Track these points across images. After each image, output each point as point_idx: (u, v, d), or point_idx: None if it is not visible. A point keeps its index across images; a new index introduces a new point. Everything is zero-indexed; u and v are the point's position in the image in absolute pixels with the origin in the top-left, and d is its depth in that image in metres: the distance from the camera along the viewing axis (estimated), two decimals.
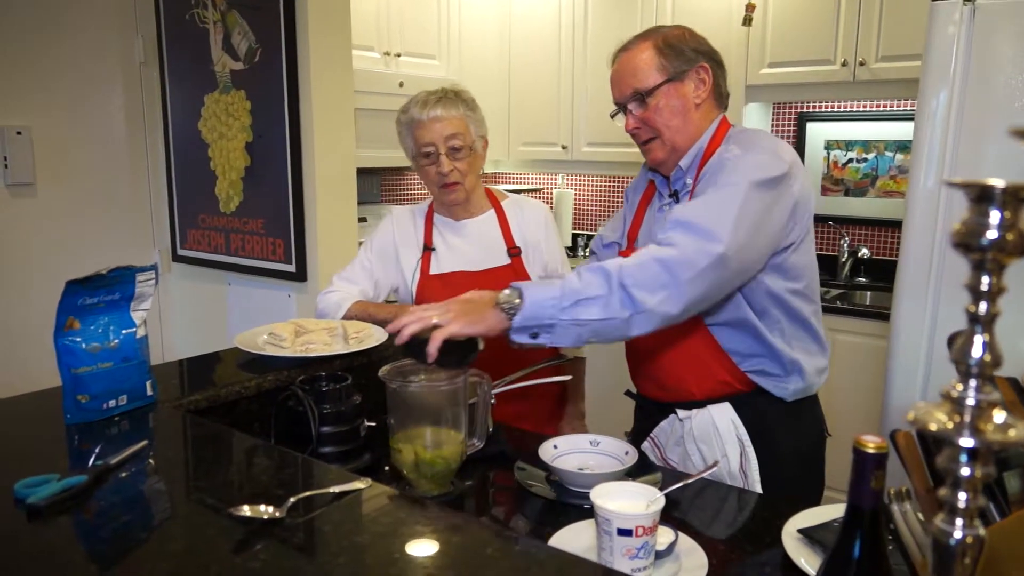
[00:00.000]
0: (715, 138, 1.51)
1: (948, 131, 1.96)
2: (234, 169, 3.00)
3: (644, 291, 1.26)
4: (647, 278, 1.27)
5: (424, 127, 1.83)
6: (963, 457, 0.52)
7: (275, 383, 1.50)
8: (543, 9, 4.01)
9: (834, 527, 1.11)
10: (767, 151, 1.41)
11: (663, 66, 1.49)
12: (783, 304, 1.49)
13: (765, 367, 1.50)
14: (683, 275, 1.27)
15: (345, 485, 1.01)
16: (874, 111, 3.48)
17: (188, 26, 3.04)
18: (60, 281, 1.23)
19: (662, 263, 1.28)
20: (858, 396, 2.96)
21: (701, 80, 1.51)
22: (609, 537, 1.02)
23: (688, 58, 1.49)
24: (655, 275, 1.27)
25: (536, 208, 2.01)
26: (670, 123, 1.50)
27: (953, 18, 1.93)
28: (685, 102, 1.50)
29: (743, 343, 1.49)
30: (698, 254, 1.28)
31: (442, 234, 1.97)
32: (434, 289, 1.91)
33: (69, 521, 0.94)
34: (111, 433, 1.24)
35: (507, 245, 1.94)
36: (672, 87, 1.49)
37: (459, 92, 1.89)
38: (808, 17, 3.21)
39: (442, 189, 1.88)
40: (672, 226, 1.33)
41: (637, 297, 1.26)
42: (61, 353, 1.24)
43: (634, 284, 1.26)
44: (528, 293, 1.26)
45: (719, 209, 1.32)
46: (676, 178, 1.55)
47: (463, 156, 1.85)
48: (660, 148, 1.54)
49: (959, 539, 0.54)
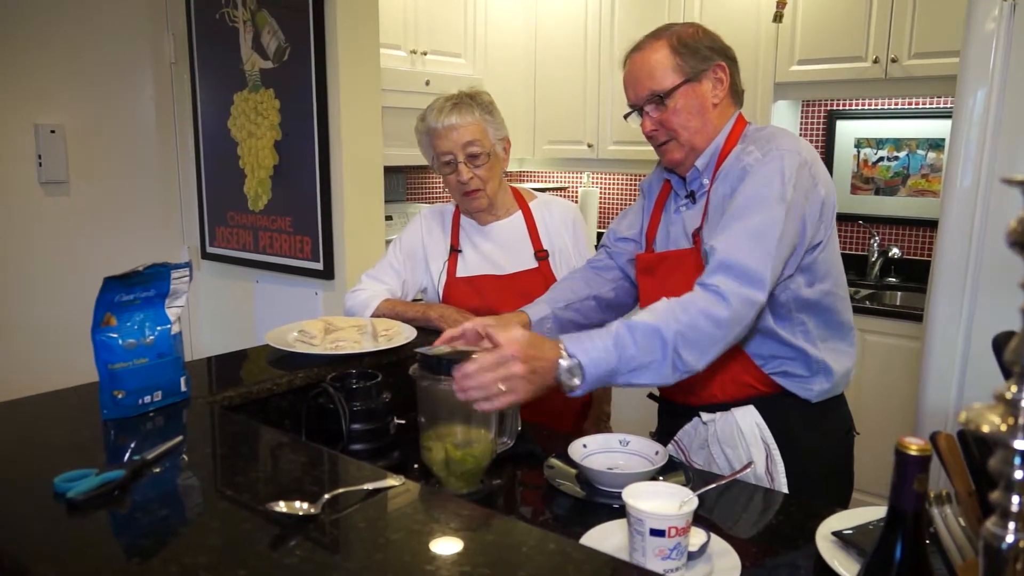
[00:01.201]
0: (731, 137, 1.50)
1: (986, 130, 1.92)
2: (263, 167, 3.03)
3: (696, 354, 1.29)
4: (700, 339, 1.28)
5: (441, 136, 1.82)
6: (1017, 460, 0.51)
7: (306, 380, 1.51)
8: (569, 7, 4.00)
9: (869, 530, 1.09)
10: (789, 154, 1.39)
11: (680, 67, 1.47)
12: (809, 305, 1.47)
13: (788, 368, 1.48)
14: (733, 332, 1.31)
15: (378, 483, 1.02)
16: (906, 108, 3.43)
17: (218, 25, 3.07)
18: (92, 278, 1.25)
19: (715, 322, 1.29)
20: (888, 396, 2.92)
21: (719, 79, 1.49)
22: (641, 537, 1.01)
23: (704, 57, 1.47)
24: (707, 335, 1.29)
25: (564, 208, 1.99)
26: (688, 124, 1.48)
27: (992, 14, 1.89)
28: (703, 102, 1.48)
29: (764, 346, 1.48)
30: (745, 306, 1.30)
31: (469, 236, 1.96)
32: (460, 291, 1.91)
33: (108, 515, 0.96)
34: (146, 428, 1.25)
35: (534, 248, 1.93)
36: (690, 88, 1.47)
37: (475, 95, 1.87)
38: (839, 13, 3.17)
39: (464, 197, 1.88)
40: (718, 268, 1.33)
41: (689, 361, 1.29)
42: (98, 349, 1.26)
43: (687, 347, 1.28)
44: (588, 370, 1.25)
45: (761, 245, 1.33)
46: (692, 178, 1.54)
47: (482, 163, 1.84)
48: (677, 149, 1.52)
49: (1011, 543, 0.53)
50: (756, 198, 1.37)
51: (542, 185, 4.53)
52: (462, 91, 1.88)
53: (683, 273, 1.49)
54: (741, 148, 1.46)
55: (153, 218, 3.33)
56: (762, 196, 1.36)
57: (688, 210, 1.55)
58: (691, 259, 1.49)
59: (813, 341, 1.48)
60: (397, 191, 3.92)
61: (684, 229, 1.55)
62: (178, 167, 3.38)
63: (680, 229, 1.56)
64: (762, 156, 1.40)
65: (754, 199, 1.37)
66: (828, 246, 1.47)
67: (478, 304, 1.87)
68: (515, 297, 1.87)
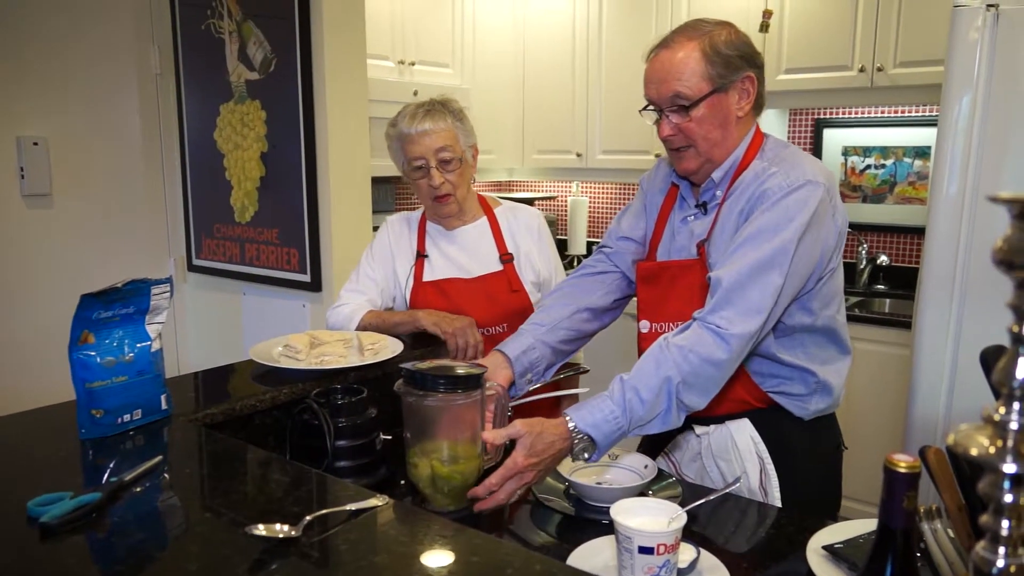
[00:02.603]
0: (750, 149, 1.46)
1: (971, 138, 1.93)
2: (249, 179, 3.01)
3: (698, 396, 1.32)
4: (702, 383, 1.32)
5: (413, 141, 1.84)
6: (1006, 483, 0.50)
7: (290, 396, 1.49)
8: (557, 17, 4.01)
9: (859, 543, 1.08)
10: (814, 187, 1.36)
11: (710, 75, 1.39)
12: (814, 329, 1.46)
13: (787, 388, 1.47)
14: (731, 368, 1.34)
15: (362, 503, 1.00)
16: (892, 117, 3.44)
17: (204, 36, 3.06)
18: (76, 292, 1.23)
19: (715, 365, 1.31)
20: (876, 403, 2.92)
21: (745, 91, 1.43)
22: (630, 555, 1.00)
23: (735, 67, 1.40)
24: (709, 378, 1.32)
25: (528, 215, 2.02)
26: (710, 135, 1.42)
27: (976, 24, 1.90)
28: (727, 114, 1.42)
29: (765, 366, 1.46)
30: (742, 342, 1.32)
31: (435, 241, 1.99)
32: (428, 295, 1.92)
33: (83, 540, 0.93)
34: (126, 448, 1.23)
35: (499, 252, 1.96)
36: (717, 98, 1.40)
37: (446, 103, 1.90)
38: (825, 23, 3.18)
39: (435, 201, 1.90)
40: (721, 302, 1.33)
41: (692, 403, 1.33)
42: (76, 367, 1.23)
43: (689, 392, 1.31)
44: (600, 442, 1.30)
45: (768, 277, 1.32)
46: (706, 189, 1.49)
47: (454, 168, 1.87)
48: (694, 158, 1.46)
49: (1001, 568, 0.52)
50: (773, 229, 1.33)
51: (531, 195, 4.53)
52: (433, 98, 1.90)
53: (686, 285, 1.47)
54: (762, 167, 1.41)
55: (138, 231, 3.31)
56: (780, 228, 1.33)
57: (696, 220, 1.51)
58: (695, 271, 1.46)
59: (814, 362, 1.47)
60: (385, 202, 3.90)
61: (689, 240, 1.51)
62: (163, 179, 3.36)
63: (686, 239, 1.52)
64: (787, 185, 1.36)
65: (771, 229, 1.34)
66: (836, 272, 1.46)
67: (445, 306, 1.90)
68: (481, 299, 1.90)
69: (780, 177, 1.37)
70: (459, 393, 1.28)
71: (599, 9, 3.85)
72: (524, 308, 1.91)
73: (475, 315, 1.85)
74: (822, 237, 1.38)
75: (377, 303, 1.95)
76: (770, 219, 1.34)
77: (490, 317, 1.87)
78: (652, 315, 1.54)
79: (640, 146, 3.75)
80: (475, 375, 1.29)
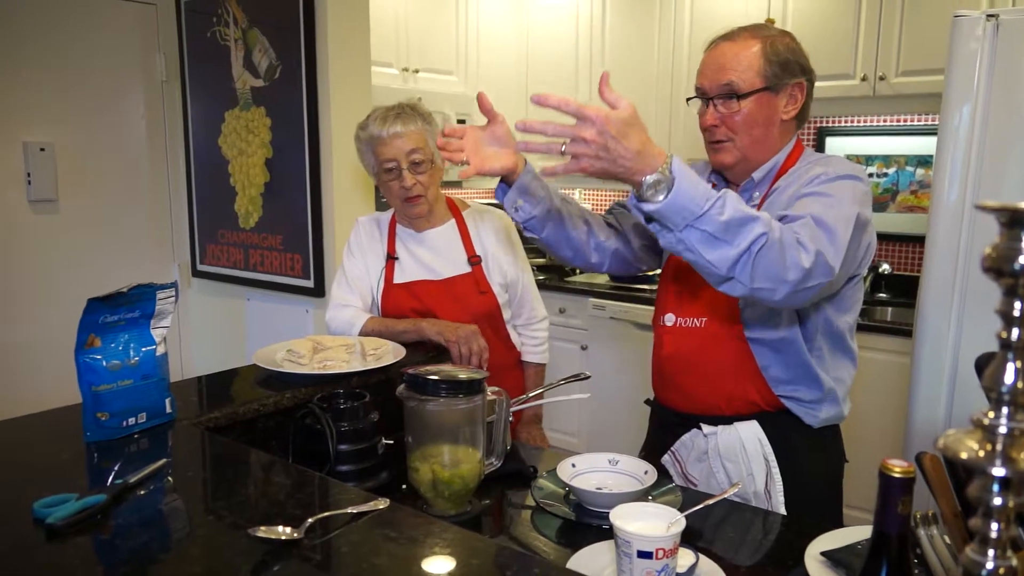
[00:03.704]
0: (792, 155, 1.48)
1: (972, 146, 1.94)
2: (253, 185, 3.03)
3: (758, 273, 1.18)
4: (773, 264, 1.18)
5: (385, 143, 1.87)
6: (995, 487, 0.51)
7: (293, 401, 1.50)
8: (561, 24, 4.03)
9: (858, 549, 1.09)
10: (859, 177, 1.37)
11: (766, 72, 1.41)
12: (832, 333, 1.47)
13: (800, 394, 1.47)
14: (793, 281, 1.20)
15: (363, 506, 1.01)
16: (894, 125, 3.45)
17: (210, 44, 3.08)
18: (82, 296, 1.24)
19: (794, 262, 1.19)
20: (879, 411, 2.92)
21: (794, 97, 1.45)
22: (629, 559, 1.01)
23: (790, 72, 1.43)
24: (778, 264, 1.19)
25: (495, 218, 2.04)
26: (752, 131, 1.44)
27: (976, 33, 1.91)
28: (773, 114, 1.44)
29: (781, 365, 1.46)
30: (818, 269, 1.22)
31: (405, 243, 2.01)
32: (398, 297, 1.95)
33: (88, 541, 0.94)
34: (130, 451, 1.24)
35: (467, 254, 1.98)
36: (766, 96, 1.43)
37: (415, 106, 1.93)
38: (827, 32, 3.19)
39: (405, 203, 1.92)
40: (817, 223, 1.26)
41: (746, 273, 1.19)
42: (82, 370, 1.25)
43: (761, 260, 1.18)
44: (677, 189, 1.13)
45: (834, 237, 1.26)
46: (746, 188, 1.50)
47: (424, 169, 1.89)
48: (731, 153, 1.47)
49: (991, 570, 0.53)
50: (840, 199, 1.31)
51: None
52: (401, 102, 1.94)
53: None
54: (806, 165, 1.44)
55: (143, 236, 3.32)
56: (846, 201, 1.31)
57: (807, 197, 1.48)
58: None
59: (826, 368, 1.48)
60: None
61: None
62: (168, 185, 3.38)
63: None
64: (843, 172, 1.37)
65: (838, 198, 1.31)
66: (860, 280, 1.47)
67: (416, 308, 1.92)
68: (451, 301, 1.92)
69: (833, 167, 1.39)
70: (460, 398, 1.29)
71: (602, 17, 3.87)
72: (492, 310, 1.95)
73: (444, 316, 1.88)
74: (861, 236, 1.36)
75: (368, 300, 1.99)
76: (835, 189, 1.33)
77: (459, 319, 1.89)
78: (679, 310, 1.54)
79: None
80: (477, 380, 1.30)
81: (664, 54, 3.65)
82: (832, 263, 1.24)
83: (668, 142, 3.65)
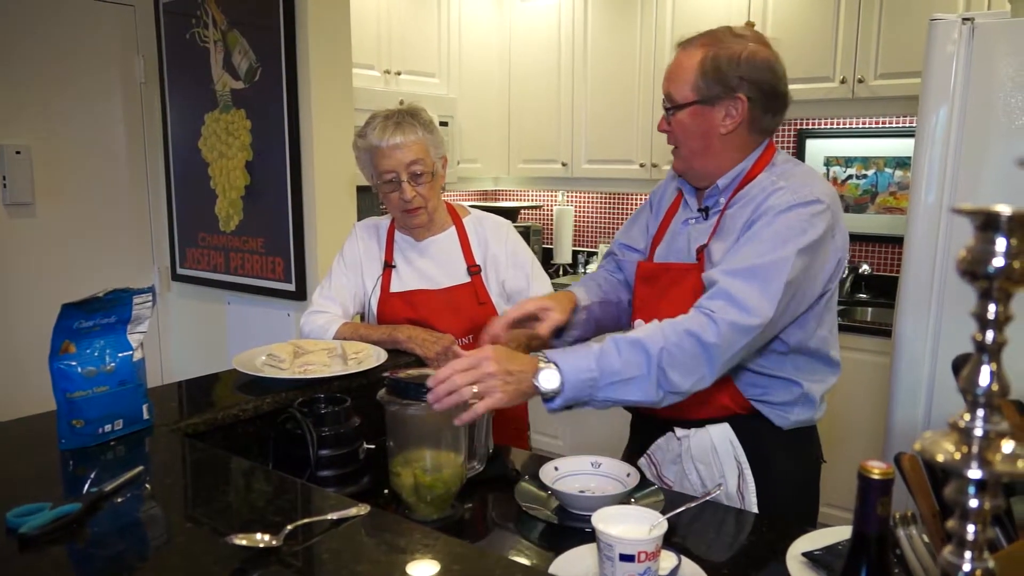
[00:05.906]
0: (759, 162, 1.47)
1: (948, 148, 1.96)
2: (234, 188, 3.00)
3: (680, 374, 1.28)
4: (685, 360, 1.27)
5: (384, 155, 1.81)
6: (971, 489, 0.51)
7: (274, 405, 1.49)
8: (543, 27, 4.03)
9: (839, 550, 1.09)
10: (821, 209, 1.36)
11: (698, 85, 1.41)
12: (808, 350, 1.47)
13: (771, 397, 1.48)
14: (720, 358, 1.29)
15: (343, 512, 1.00)
16: (873, 128, 3.48)
17: (189, 45, 3.05)
18: (58, 302, 1.23)
19: (702, 345, 1.27)
20: (859, 411, 2.94)
21: (731, 111, 1.42)
22: (611, 563, 1.00)
23: (729, 86, 1.40)
24: (693, 357, 1.28)
25: (497, 223, 2.01)
26: (689, 143, 1.46)
27: (952, 36, 1.93)
28: (709, 128, 1.43)
29: (753, 373, 1.47)
30: (736, 333, 1.29)
31: (403, 252, 1.97)
32: (395, 306, 1.92)
33: (63, 551, 0.93)
34: (106, 458, 1.22)
35: (467, 263, 1.94)
36: (699, 109, 1.42)
37: (416, 113, 1.86)
38: (806, 34, 3.22)
39: (405, 214, 1.88)
40: (716, 294, 1.32)
41: (674, 381, 1.28)
42: (56, 377, 1.23)
43: (672, 366, 1.27)
44: (567, 377, 1.24)
45: (765, 284, 1.30)
46: (710, 195, 1.50)
47: (424, 181, 1.84)
48: (679, 160, 1.51)
49: (968, 572, 0.53)
50: (776, 240, 1.33)
51: (517, 204, 4.54)
52: (401, 108, 1.88)
53: (683, 288, 1.47)
54: (770, 180, 1.42)
55: (122, 240, 3.29)
56: (783, 240, 1.33)
57: (697, 224, 1.52)
58: (694, 275, 1.47)
59: (802, 376, 1.48)
60: (371, 210, 3.89)
61: (688, 243, 1.52)
62: (148, 188, 3.35)
63: (684, 242, 1.53)
64: (793, 201, 1.36)
65: (774, 240, 1.33)
66: (832, 294, 1.47)
67: (412, 317, 1.89)
68: (448, 311, 1.89)
69: (788, 193, 1.38)
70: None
71: (584, 20, 3.88)
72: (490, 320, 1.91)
73: (441, 327, 1.85)
74: (823, 259, 1.38)
75: (350, 311, 1.95)
76: (774, 231, 1.35)
77: (456, 329, 1.86)
78: (647, 314, 1.54)
79: (625, 156, 3.77)
80: None
81: (646, 57, 3.66)
82: (754, 318, 1.29)
83: (650, 145, 3.67)
